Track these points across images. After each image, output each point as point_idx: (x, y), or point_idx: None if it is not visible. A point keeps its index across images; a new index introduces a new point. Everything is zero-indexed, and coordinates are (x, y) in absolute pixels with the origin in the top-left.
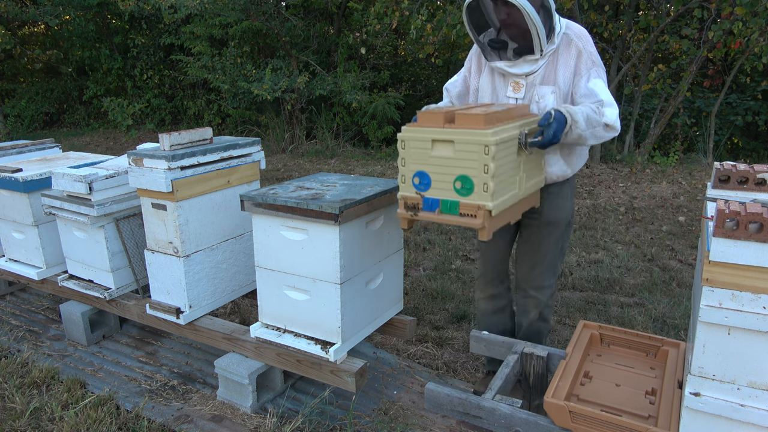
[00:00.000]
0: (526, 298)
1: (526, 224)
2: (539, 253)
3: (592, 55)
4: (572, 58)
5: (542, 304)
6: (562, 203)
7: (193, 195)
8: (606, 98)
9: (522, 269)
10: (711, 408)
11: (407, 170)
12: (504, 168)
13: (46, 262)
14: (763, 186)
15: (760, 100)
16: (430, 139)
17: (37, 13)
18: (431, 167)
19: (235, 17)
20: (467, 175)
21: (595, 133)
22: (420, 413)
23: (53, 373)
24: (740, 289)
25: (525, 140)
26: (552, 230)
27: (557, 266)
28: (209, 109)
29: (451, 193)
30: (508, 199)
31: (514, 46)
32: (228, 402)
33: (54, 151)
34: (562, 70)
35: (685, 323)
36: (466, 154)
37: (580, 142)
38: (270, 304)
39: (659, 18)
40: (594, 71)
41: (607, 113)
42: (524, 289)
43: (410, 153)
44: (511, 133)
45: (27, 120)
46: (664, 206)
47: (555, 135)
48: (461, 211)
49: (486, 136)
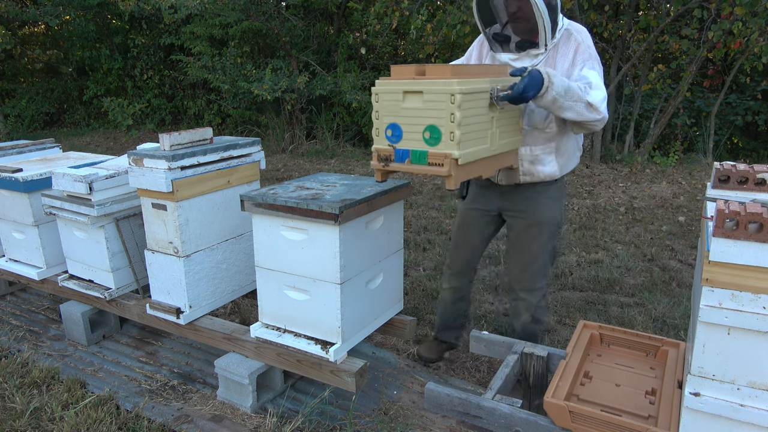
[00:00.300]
0: (516, 301)
1: (512, 224)
2: (528, 254)
3: (589, 48)
4: (571, 51)
5: (533, 307)
6: (549, 203)
7: (193, 195)
8: (596, 83)
9: (513, 271)
10: (711, 408)
11: (380, 123)
12: (472, 119)
13: (47, 262)
14: (763, 186)
15: (759, 100)
16: (401, 90)
17: (37, 13)
18: (402, 119)
19: (235, 17)
20: (435, 125)
21: (575, 108)
22: (420, 413)
23: (53, 373)
24: (740, 289)
25: (496, 94)
26: (539, 231)
27: (548, 268)
28: (209, 109)
29: (421, 143)
30: (478, 152)
31: (517, 40)
32: (228, 402)
33: (54, 151)
34: (560, 62)
35: (685, 323)
36: (434, 104)
37: (556, 109)
38: (270, 304)
39: (659, 18)
40: (589, 63)
41: (592, 93)
42: (515, 291)
43: (383, 105)
44: (481, 85)
45: (27, 120)
46: (664, 206)
47: (525, 89)
48: (429, 161)
49: (452, 85)
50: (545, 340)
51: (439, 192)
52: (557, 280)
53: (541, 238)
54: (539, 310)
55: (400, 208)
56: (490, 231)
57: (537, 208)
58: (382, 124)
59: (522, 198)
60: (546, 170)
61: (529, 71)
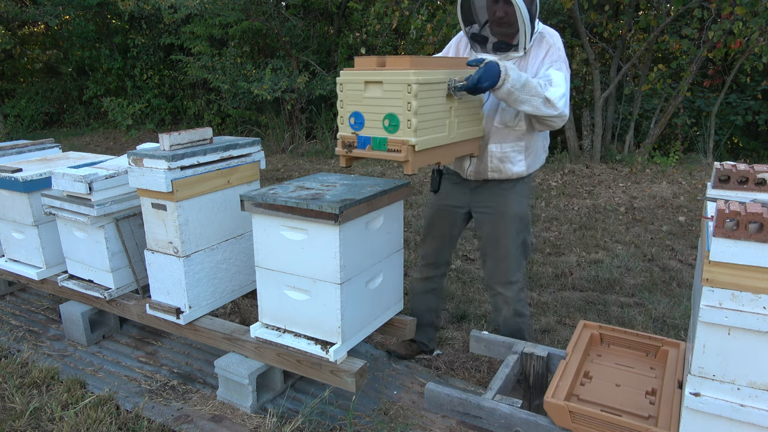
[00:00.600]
0: (495, 296)
1: (481, 219)
2: (501, 249)
3: (559, 51)
4: (542, 53)
5: (512, 300)
6: (517, 198)
7: (193, 195)
8: (557, 81)
9: (487, 267)
10: (711, 408)
11: (345, 111)
12: (429, 108)
13: (46, 262)
14: (763, 186)
15: (760, 99)
16: (363, 80)
17: (37, 13)
18: (364, 107)
19: (235, 17)
20: (394, 113)
21: (532, 102)
22: (420, 413)
23: (53, 373)
24: (740, 289)
25: (454, 85)
26: (508, 224)
27: (521, 262)
28: (209, 109)
29: (381, 131)
30: (435, 139)
31: (494, 41)
32: (228, 402)
33: (54, 151)
34: (532, 63)
35: (685, 323)
36: (392, 93)
37: (512, 101)
38: (270, 304)
39: (659, 18)
40: (557, 64)
41: (551, 90)
42: (492, 286)
43: (347, 95)
44: (438, 77)
45: (27, 120)
46: (664, 206)
47: (480, 80)
48: (389, 147)
49: (409, 76)
50: (534, 332)
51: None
52: (557, 280)
53: (511, 232)
54: (518, 303)
55: (400, 208)
56: (460, 226)
57: (505, 203)
58: (346, 113)
59: (490, 194)
60: (515, 169)
61: (486, 62)
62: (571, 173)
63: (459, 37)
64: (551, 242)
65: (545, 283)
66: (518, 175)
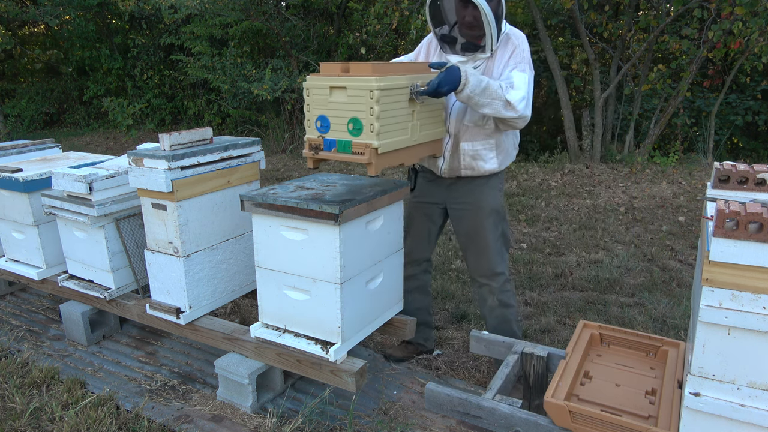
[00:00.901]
0: (480, 288)
1: (458, 215)
2: (480, 241)
3: (524, 52)
4: (507, 53)
5: (497, 290)
6: (491, 192)
7: (193, 195)
8: (518, 84)
9: (470, 262)
10: (711, 408)
11: (311, 115)
12: (392, 113)
13: (46, 262)
14: (763, 186)
15: (759, 99)
16: (328, 86)
17: (37, 13)
18: (330, 111)
19: (235, 17)
20: (357, 117)
21: (492, 105)
22: (420, 413)
23: (53, 373)
24: (740, 289)
25: (416, 90)
26: (484, 216)
27: (503, 254)
28: (209, 109)
29: (346, 134)
30: (398, 142)
31: (463, 42)
32: (228, 402)
33: (54, 151)
34: (497, 64)
35: (685, 323)
36: (356, 98)
37: (473, 105)
38: (270, 304)
39: (659, 18)
40: (520, 66)
41: (511, 93)
42: (476, 279)
43: (313, 99)
44: (400, 82)
45: (27, 120)
46: (664, 206)
47: (440, 85)
48: (353, 150)
49: (371, 82)
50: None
51: None
52: (557, 280)
53: (489, 225)
54: (504, 294)
55: (400, 208)
56: (437, 222)
57: (481, 198)
58: (312, 116)
59: (465, 190)
60: (487, 166)
61: (448, 67)
62: (571, 173)
63: (429, 38)
64: (551, 242)
65: (545, 283)
66: (491, 171)
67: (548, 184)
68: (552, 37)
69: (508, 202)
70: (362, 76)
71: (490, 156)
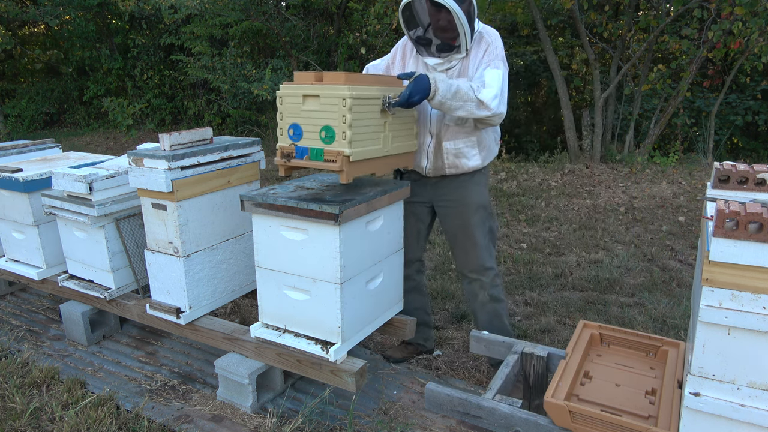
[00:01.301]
0: (470, 284)
1: (445, 213)
2: (466, 235)
3: (497, 49)
4: (481, 52)
5: (488, 285)
6: (476, 188)
7: (193, 195)
8: (489, 82)
9: (458, 258)
10: (711, 408)
11: (284, 123)
12: (364, 122)
13: (47, 262)
14: (763, 186)
15: (759, 99)
16: (301, 94)
17: (37, 13)
18: (303, 119)
19: (235, 17)
20: (330, 125)
21: (465, 107)
22: (420, 413)
23: (53, 373)
24: (740, 289)
25: (388, 101)
26: (471, 212)
27: (491, 249)
28: (209, 109)
29: (318, 142)
30: (370, 151)
31: (438, 43)
32: (228, 402)
33: (54, 151)
34: (472, 63)
35: (685, 323)
36: (328, 106)
37: (446, 110)
38: (270, 304)
39: (659, 18)
40: (494, 63)
41: (483, 92)
42: (465, 275)
43: (286, 107)
44: (372, 92)
45: (27, 120)
46: (664, 206)
47: (411, 95)
48: (325, 158)
49: (343, 90)
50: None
51: None
52: (557, 280)
53: (475, 220)
54: (494, 289)
55: (400, 209)
56: (425, 221)
57: (466, 194)
58: (285, 124)
59: (451, 188)
60: (470, 164)
61: (416, 77)
62: (571, 173)
63: (404, 41)
64: (551, 242)
65: (545, 283)
66: (474, 168)
67: (548, 184)
68: (552, 37)
69: (508, 202)
70: (335, 85)
71: (473, 153)
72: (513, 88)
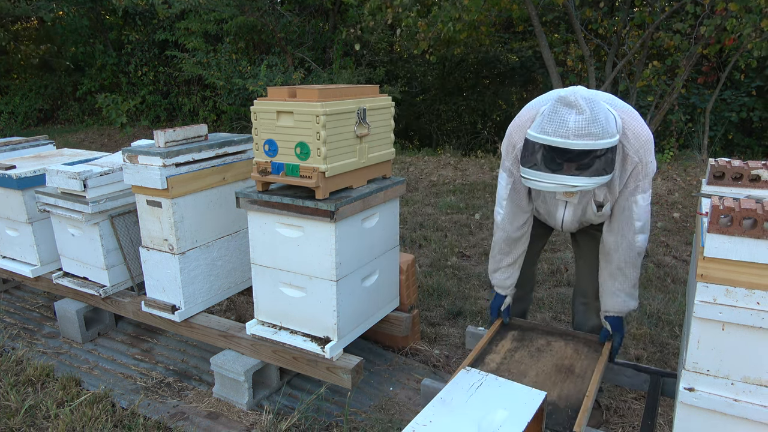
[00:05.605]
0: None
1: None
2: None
3: (646, 166)
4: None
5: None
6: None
7: (188, 192)
8: (639, 223)
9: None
10: (705, 403)
11: (259, 138)
12: (339, 137)
13: (41, 260)
14: (758, 182)
15: (754, 96)
16: (275, 110)
17: (30, 9)
18: (278, 135)
19: (230, 13)
20: (305, 141)
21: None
22: (416, 409)
23: (48, 370)
24: (734, 284)
25: (363, 115)
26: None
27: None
28: (204, 106)
29: (293, 157)
30: (346, 165)
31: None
32: (224, 399)
33: (48, 148)
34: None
35: (680, 319)
36: (303, 123)
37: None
38: (266, 301)
39: (654, 14)
40: (641, 184)
41: (639, 240)
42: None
43: (261, 123)
44: (346, 106)
45: (20, 117)
46: (659, 203)
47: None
48: (301, 174)
49: (317, 107)
50: None
51: (434, 189)
52: (553, 276)
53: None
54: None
55: (396, 206)
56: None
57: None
58: (260, 140)
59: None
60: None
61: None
62: None
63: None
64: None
65: (541, 279)
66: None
67: None
68: (547, 33)
69: None
70: (308, 102)
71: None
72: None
